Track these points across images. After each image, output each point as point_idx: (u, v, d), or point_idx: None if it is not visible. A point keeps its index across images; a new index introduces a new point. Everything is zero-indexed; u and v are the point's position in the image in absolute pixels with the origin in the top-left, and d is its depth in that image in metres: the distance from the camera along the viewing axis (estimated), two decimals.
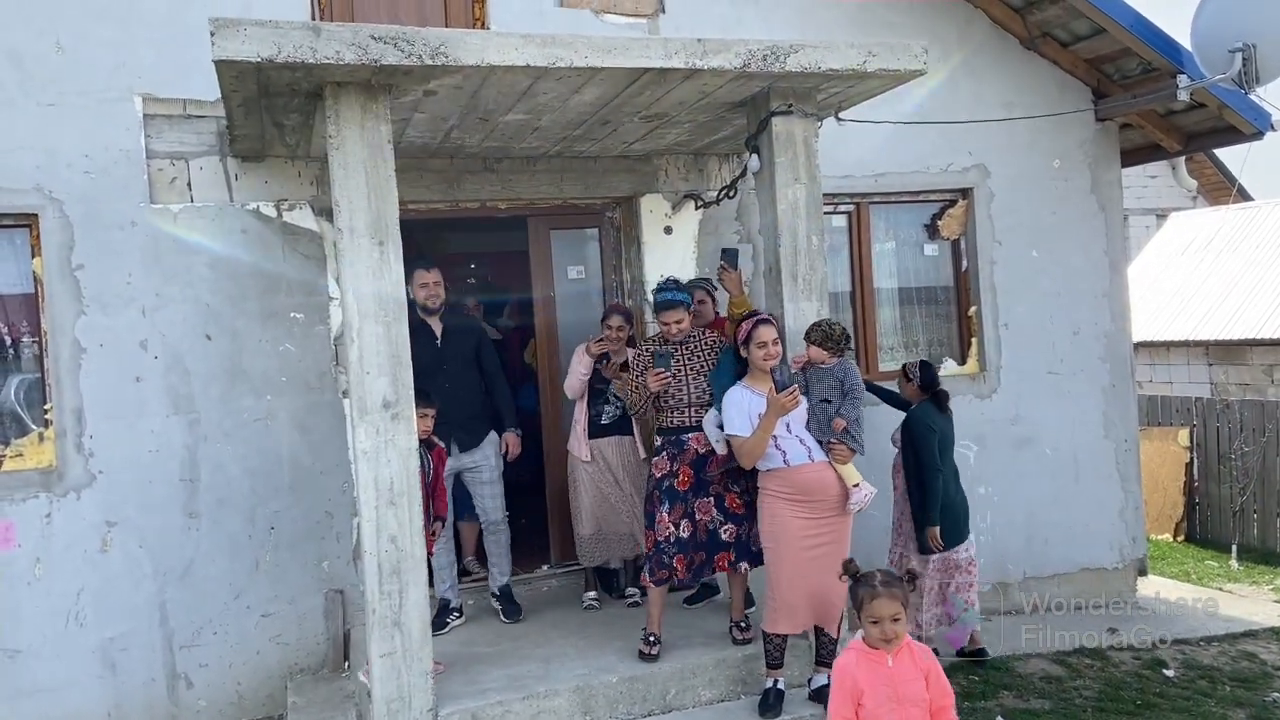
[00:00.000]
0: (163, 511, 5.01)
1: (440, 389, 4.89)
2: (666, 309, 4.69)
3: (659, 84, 4.26)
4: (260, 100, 4.08)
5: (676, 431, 4.65)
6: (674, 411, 4.66)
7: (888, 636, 3.04)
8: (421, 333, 4.92)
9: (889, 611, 3.03)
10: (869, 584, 3.08)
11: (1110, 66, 6.65)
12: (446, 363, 5.09)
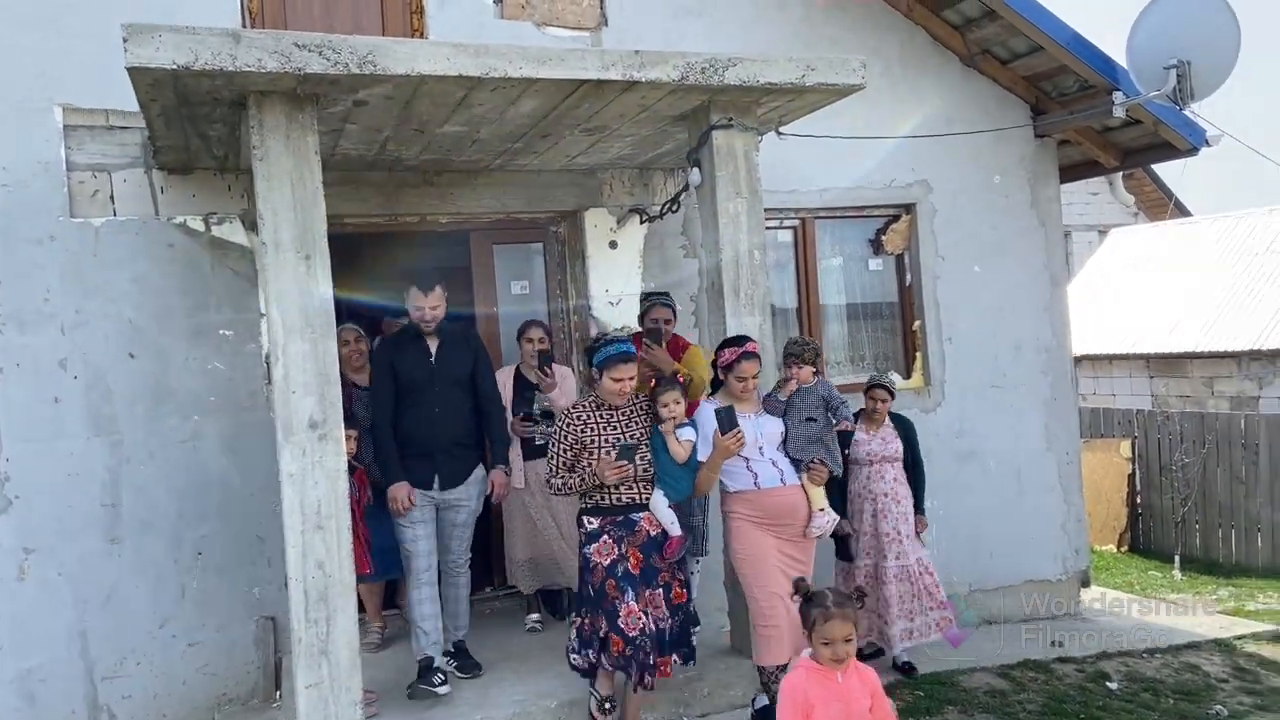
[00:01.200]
0: (83, 537, 4.81)
1: (428, 412, 4.52)
2: (618, 363, 4.01)
3: (597, 96, 4.19)
4: (181, 110, 3.94)
5: (624, 511, 4.04)
6: (617, 488, 4.04)
7: (839, 657, 2.98)
8: (413, 345, 4.60)
9: (842, 633, 2.97)
10: (821, 604, 3.02)
11: (1048, 83, 6.73)
12: (438, 382, 4.57)
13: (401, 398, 4.51)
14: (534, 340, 5.17)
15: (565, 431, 4.07)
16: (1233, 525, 9.32)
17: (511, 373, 5.27)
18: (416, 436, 4.52)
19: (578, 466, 4.04)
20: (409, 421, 4.53)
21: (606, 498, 4.05)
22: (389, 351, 4.64)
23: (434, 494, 4.55)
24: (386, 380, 4.54)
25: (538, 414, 5.19)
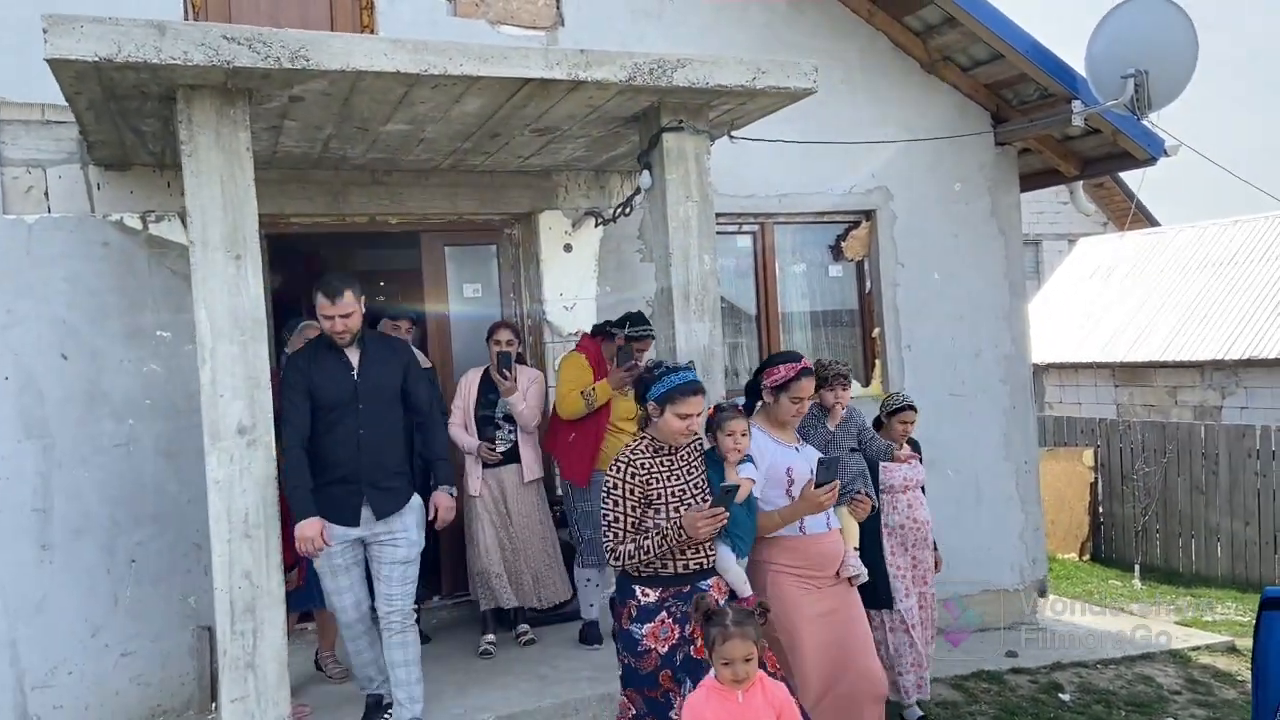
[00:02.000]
0: (12, 543, 4.65)
1: (351, 435, 3.93)
2: (685, 396, 3.41)
3: (544, 95, 4.10)
4: (109, 104, 3.81)
5: (690, 579, 3.38)
6: (686, 550, 3.36)
7: (739, 677, 2.92)
8: (330, 359, 4.01)
9: (741, 652, 2.91)
10: (720, 623, 2.95)
11: (1009, 91, 6.71)
12: (363, 399, 3.98)
13: (320, 419, 3.94)
14: (501, 341, 5.00)
15: (628, 485, 3.33)
16: (1193, 535, 9.35)
17: (478, 376, 5.12)
18: (339, 463, 3.93)
19: (645, 527, 3.35)
20: (329, 446, 3.93)
21: (669, 564, 3.35)
22: (303, 366, 4.02)
23: (362, 530, 3.97)
24: (300, 399, 3.94)
25: (499, 417, 5.04)
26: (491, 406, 5.05)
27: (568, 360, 5.10)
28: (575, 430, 4.95)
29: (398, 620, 3.99)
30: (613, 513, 3.34)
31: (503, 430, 5.06)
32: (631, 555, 3.31)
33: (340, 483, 3.92)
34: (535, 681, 4.42)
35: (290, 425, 3.92)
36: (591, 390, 4.90)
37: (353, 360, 4.03)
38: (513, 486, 5.03)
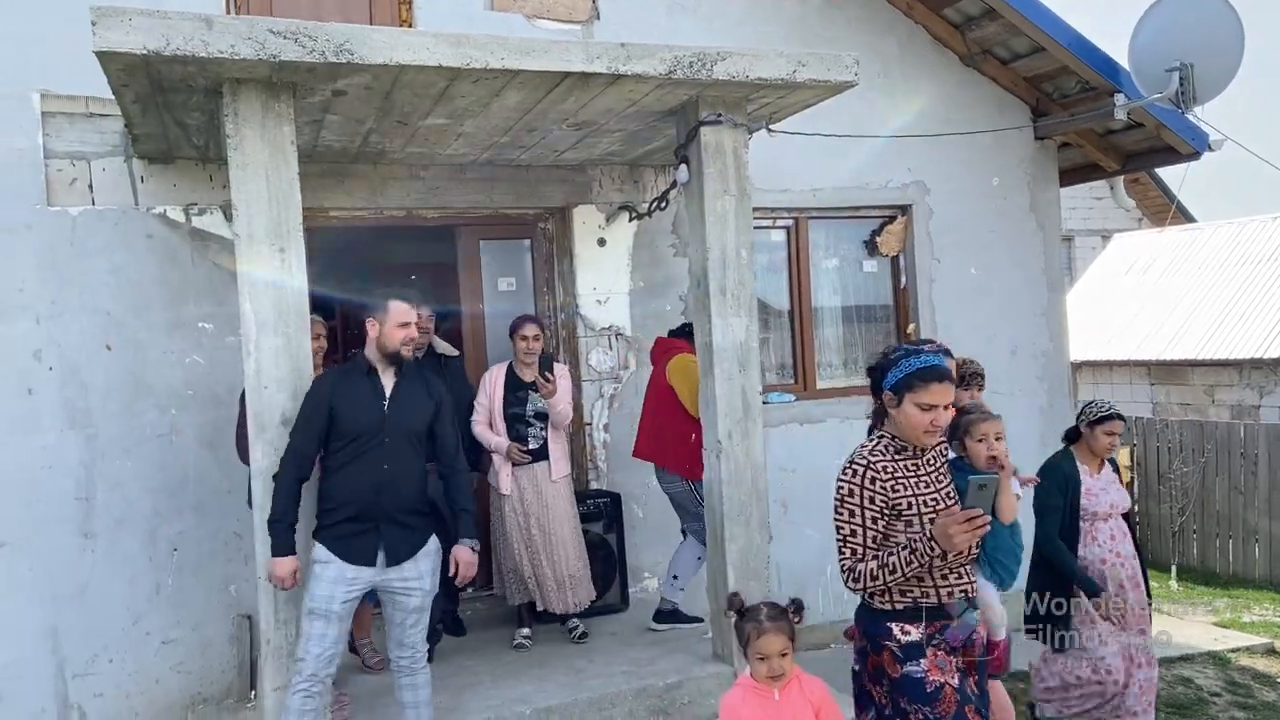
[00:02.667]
0: (56, 532, 4.72)
1: (374, 470, 3.60)
2: (929, 381, 2.81)
3: (583, 89, 4.10)
4: (156, 97, 3.85)
5: (953, 611, 2.83)
6: (946, 575, 2.80)
7: (774, 673, 2.89)
8: (362, 385, 3.70)
9: (776, 648, 2.89)
10: (755, 619, 2.94)
11: (1049, 85, 6.63)
12: (389, 432, 3.66)
13: (340, 449, 3.62)
14: (528, 337, 4.91)
15: (866, 493, 2.77)
16: (1230, 535, 9.20)
17: (503, 371, 5.04)
18: (357, 500, 3.58)
19: (891, 541, 2.78)
20: (348, 479, 3.61)
21: (930, 591, 2.78)
22: (328, 388, 3.67)
23: (375, 575, 3.63)
24: (314, 424, 3.61)
25: (529, 415, 4.96)
26: (521, 404, 4.95)
27: (687, 364, 4.91)
28: (696, 429, 4.73)
29: (409, 664, 3.77)
30: (848, 525, 2.79)
31: (534, 428, 4.96)
32: (874, 575, 2.74)
33: (354, 520, 3.59)
34: (571, 674, 4.43)
35: (294, 451, 3.61)
36: None
37: (386, 388, 3.72)
38: (544, 485, 4.94)
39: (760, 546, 4.43)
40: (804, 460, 6.02)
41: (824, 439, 6.19)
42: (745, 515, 4.39)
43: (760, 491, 4.43)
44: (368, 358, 3.74)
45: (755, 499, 4.41)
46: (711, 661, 4.49)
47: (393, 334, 3.68)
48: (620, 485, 5.72)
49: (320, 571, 3.58)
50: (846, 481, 2.84)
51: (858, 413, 6.30)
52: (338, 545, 3.58)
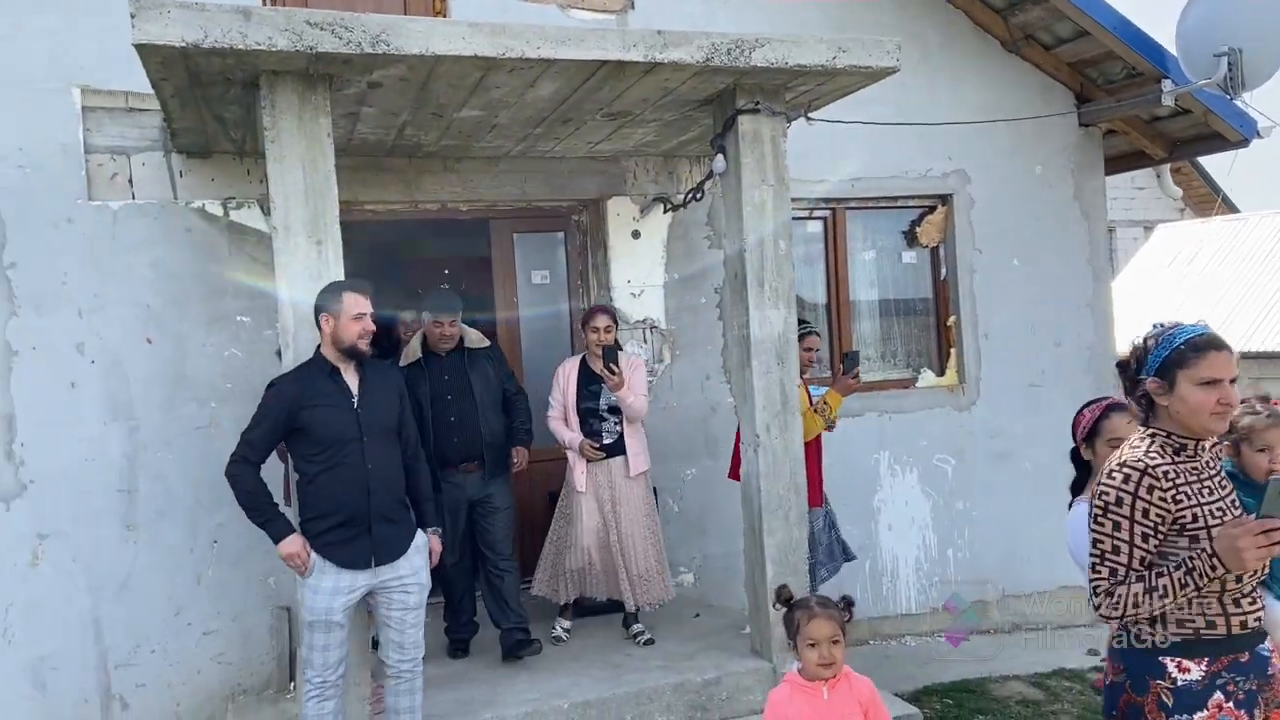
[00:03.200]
0: (98, 523, 4.77)
1: (358, 471, 3.51)
2: (1206, 351, 2.31)
3: (618, 78, 4.06)
4: (194, 90, 3.86)
5: (1246, 643, 2.31)
6: (1238, 600, 2.30)
7: (825, 660, 2.82)
8: (327, 387, 3.55)
9: (826, 632, 2.82)
10: (805, 606, 2.89)
11: (1094, 70, 6.48)
12: (366, 431, 3.57)
13: (317, 456, 3.52)
14: (599, 329, 4.71)
15: (1141, 504, 2.27)
16: None
17: (576, 365, 4.84)
18: (346, 504, 3.50)
19: (1167, 558, 2.30)
20: (331, 485, 3.51)
21: (1219, 621, 2.28)
22: (292, 393, 3.54)
23: (370, 577, 3.56)
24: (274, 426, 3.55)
25: (604, 409, 4.73)
26: (594, 398, 4.76)
27: None
28: (807, 448, 4.55)
29: (409, 669, 3.69)
30: (1110, 540, 2.28)
31: (608, 422, 4.75)
32: (1138, 602, 2.24)
33: (345, 525, 3.50)
34: (608, 669, 4.40)
35: (254, 449, 3.54)
36: (824, 403, 4.77)
37: (352, 387, 3.60)
38: (620, 480, 4.73)
39: (799, 540, 4.37)
40: (842, 454, 5.91)
41: (863, 433, 6.13)
42: (784, 509, 4.34)
43: (799, 485, 4.37)
44: (326, 357, 3.58)
45: (794, 492, 4.36)
46: (750, 657, 4.44)
47: (348, 327, 3.53)
48: (655, 479, 5.67)
49: (316, 582, 3.50)
50: (1116, 488, 2.29)
51: (896, 407, 6.25)
52: (330, 552, 3.50)
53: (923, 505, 6.28)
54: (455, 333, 4.65)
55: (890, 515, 6.23)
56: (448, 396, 4.63)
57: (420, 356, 4.67)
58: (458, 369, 4.68)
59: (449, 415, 4.61)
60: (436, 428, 4.57)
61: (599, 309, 4.88)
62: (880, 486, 6.19)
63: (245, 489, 3.53)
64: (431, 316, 4.61)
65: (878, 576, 6.21)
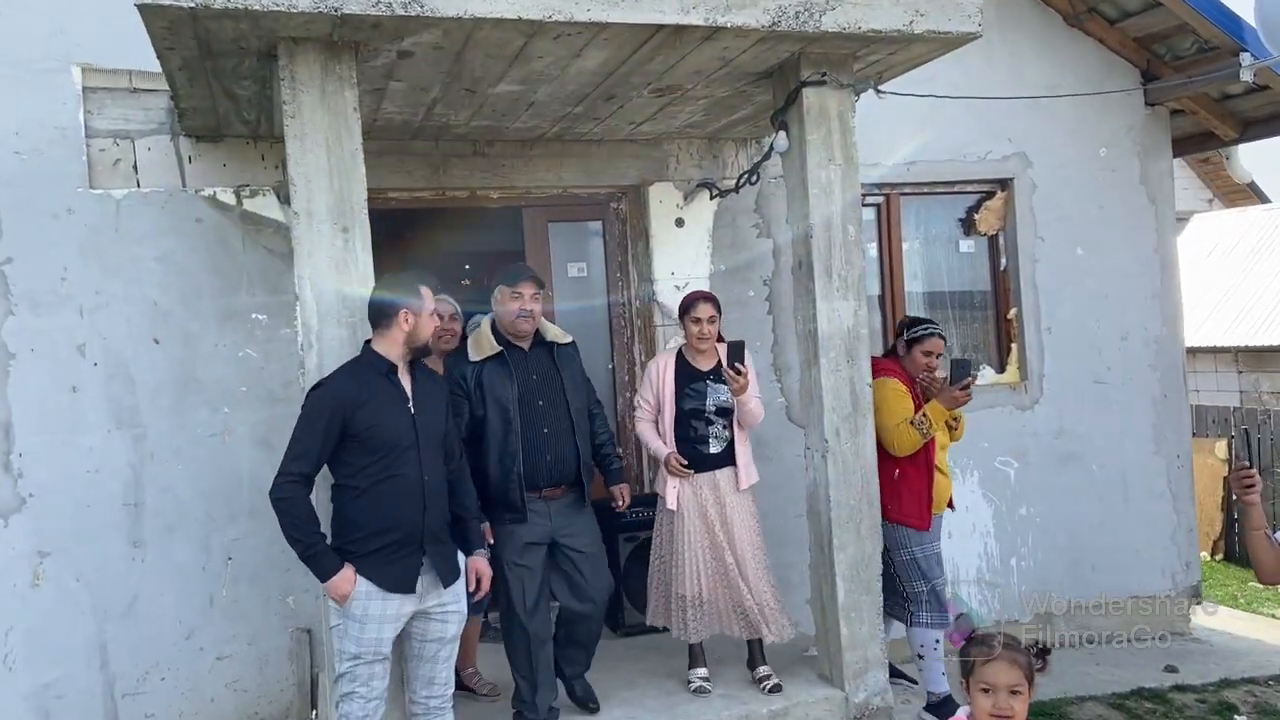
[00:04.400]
0: (103, 540, 4.40)
1: (415, 484, 3.16)
2: None
3: (673, 46, 3.66)
4: (204, 62, 3.47)
5: None
6: None
7: (1001, 713, 2.35)
8: (383, 389, 3.18)
9: (1006, 680, 2.35)
10: (985, 644, 2.42)
11: (1161, 46, 6.06)
12: (422, 441, 3.21)
13: (371, 465, 3.13)
14: (702, 319, 4.08)
15: None
16: None
17: (672, 360, 4.20)
18: (403, 522, 3.14)
19: None
20: (386, 499, 3.13)
21: None
22: (348, 394, 3.12)
23: (417, 602, 3.21)
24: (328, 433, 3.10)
25: (710, 411, 4.10)
26: (699, 398, 4.09)
27: (884, 388, 4.21)
28: (899, 464, 4.19)
29: (439, 704, 3.33)
30: None
31: (715, 426, 4.08)
32: None
33: (399, 545, 3.14)
34: (662, 698, 3.93)
35: (302, 475, 3.10)
36: (923, 417, 4.19)
37: (407, 389, 3.23)
38: (730, 496, 4.05)
39: (872, 556, 3.97)
40: None
41: None
42: (856, 521, 3.94)
43: (872, 495, 3.98)
44: (385, 356, 3.18)
45: (867, 503, 3.96)
46: (819, 684, 4.03)
47: (428, 325, 3.22)
48: None
49: (364, 610, 3.10)
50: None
51: None
52: (382, 575, 3.11)
53: (984, 511, 5.86)
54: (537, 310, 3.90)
55: (950, 522, 5.77)
56: (539, 402, 3.75)
57: (500, 349, 3.75)
58: (547, 368, 3.82)
59: (541, 425, 3.72)
60: (527, 440, 3.68)
61: (700, 295, 4.19)
62: None
63: (296, 516, 3.07)
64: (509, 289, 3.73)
65: None
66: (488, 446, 3.69)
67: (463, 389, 3.66)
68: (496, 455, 3.69)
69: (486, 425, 3.68)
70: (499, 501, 3.69)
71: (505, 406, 3.68)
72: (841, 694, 3.91)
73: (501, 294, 3.76)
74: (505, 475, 3.69)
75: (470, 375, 3.71)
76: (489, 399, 3.67)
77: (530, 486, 3.70)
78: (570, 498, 3.80)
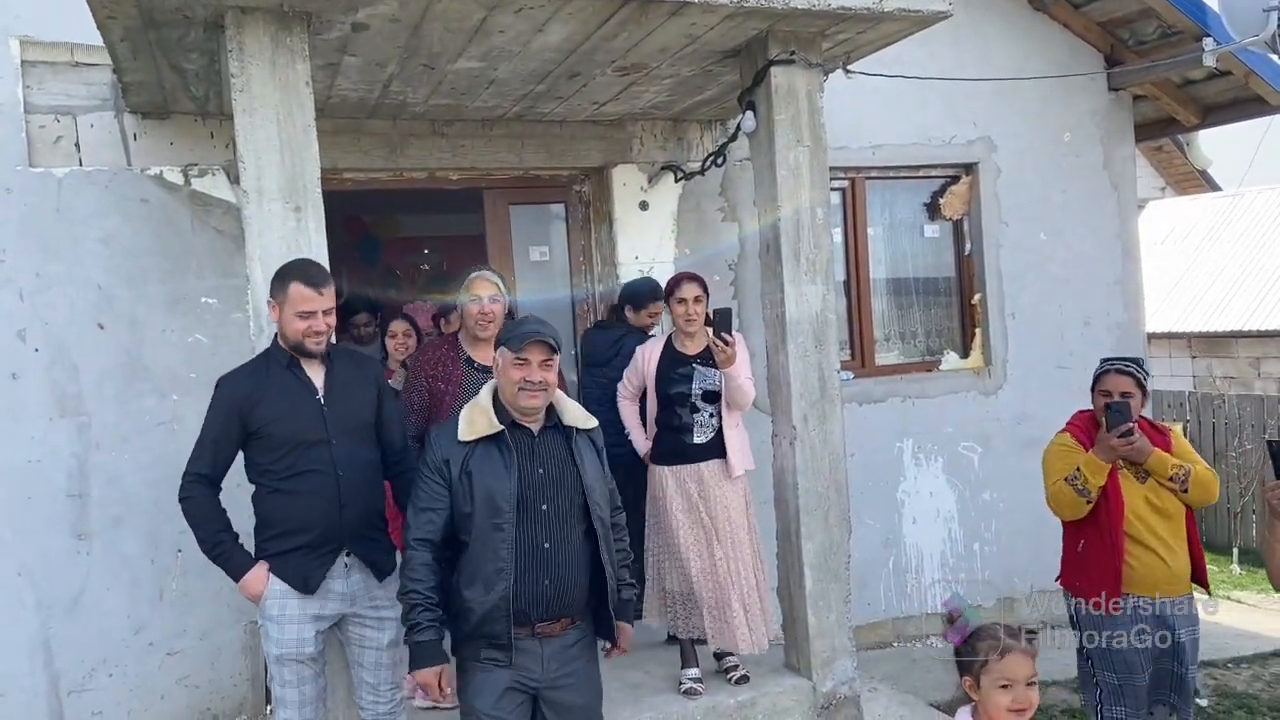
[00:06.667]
0: (46, 532, 4.23)
1: (327, 480, 2.96)
2: None
3: (639, 22, 3.56)
4: (148, 33, 3.31)
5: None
6: None
7: (1020, 706, 2.25)
8: (285, 380, 3.00)
9: (1026, 672, 2.25)
10: (993, 636, 2.30)
11: (1125, 30, 6.07)
12: (334, 433, 3.01)
13: (276, 462, 2.97)
14: (688, 300, 3.87)
15: None
16: None
17: (660, 345, 4.02)
18: (317, 521, 2.95)
19: None
20: (297, 498, 2.96)
21: None
22: (244, 389, 3.00)
23: (342, 604, 3.04)
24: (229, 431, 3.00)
25: (696, 396, 3.88)
26: (685, 381, 3.87)
27: (1050, 444, 3.63)
28: (1084, 533, 3.47)
29: (386, 712, 3.14)
30: None
31: (702, 413, 3.86)
32: None
33: (315, 546, 2.96)
34: (627, 691, 3.85)
35: (201, 466, 3.01)
36: (1076, 473, 3.36)
37: (316, 382, 3.04)
38: (715, 487, 3.84)
39: (840, 543, 3.93)
40: (863, 443, 5.49)
41: (884, 420, 5.70)
42: (824, 509, 3.89)
43: (839, 483, 3.93)
44: (282, 346, 3.04)
45: (835, 491, 3.91)
46: (786, 674, 3.99)
47: (291, 323, 2.97)
48: None
49: (280, 610, 2.97)
50: None
51: (919, 391, 5.83)
52: (298, 577, 2.97)
53: (948, 496, 5.87)
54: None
55: (914, 507, 5.81)
56: (541, 505, 2.75)
57: (502, 427, 2.75)
58: (560, 459, 2.81)
59: (540, 537, 2.73)
60: (521, 555, 2.70)
61: (686, 276, 3.97)
62: (904, 477, 5.77)
63: (198, 516, 3.00)
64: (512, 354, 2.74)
65: (901, 573, 5.80)
66: (470, 557, 2.71)
67: (443, 478, 2.71)
68: (479, 571, 2.69)
69: (472, 528, 2.70)
70: (477, 633, 2.71)
71: (498, 506, 2.69)
72: (809, 683, 3.87)
73: (503, 360, 2.76)
74: (488, 599, 2.69)
75: (457, 460, 2.71)
76: (478, 493, 2.69)
77: (519, 620, 2.70)
78: (572, 637, 2.79)
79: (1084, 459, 3.38)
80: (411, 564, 2.68)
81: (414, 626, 2.65)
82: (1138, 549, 3.38)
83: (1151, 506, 3.39)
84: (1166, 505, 3.40)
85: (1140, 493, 3.40)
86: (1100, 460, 3.34)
